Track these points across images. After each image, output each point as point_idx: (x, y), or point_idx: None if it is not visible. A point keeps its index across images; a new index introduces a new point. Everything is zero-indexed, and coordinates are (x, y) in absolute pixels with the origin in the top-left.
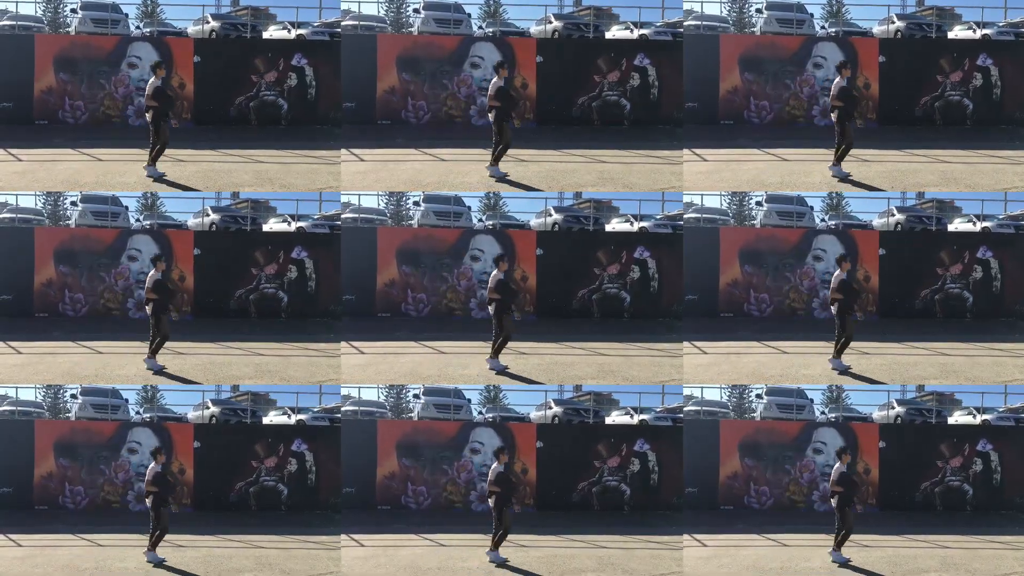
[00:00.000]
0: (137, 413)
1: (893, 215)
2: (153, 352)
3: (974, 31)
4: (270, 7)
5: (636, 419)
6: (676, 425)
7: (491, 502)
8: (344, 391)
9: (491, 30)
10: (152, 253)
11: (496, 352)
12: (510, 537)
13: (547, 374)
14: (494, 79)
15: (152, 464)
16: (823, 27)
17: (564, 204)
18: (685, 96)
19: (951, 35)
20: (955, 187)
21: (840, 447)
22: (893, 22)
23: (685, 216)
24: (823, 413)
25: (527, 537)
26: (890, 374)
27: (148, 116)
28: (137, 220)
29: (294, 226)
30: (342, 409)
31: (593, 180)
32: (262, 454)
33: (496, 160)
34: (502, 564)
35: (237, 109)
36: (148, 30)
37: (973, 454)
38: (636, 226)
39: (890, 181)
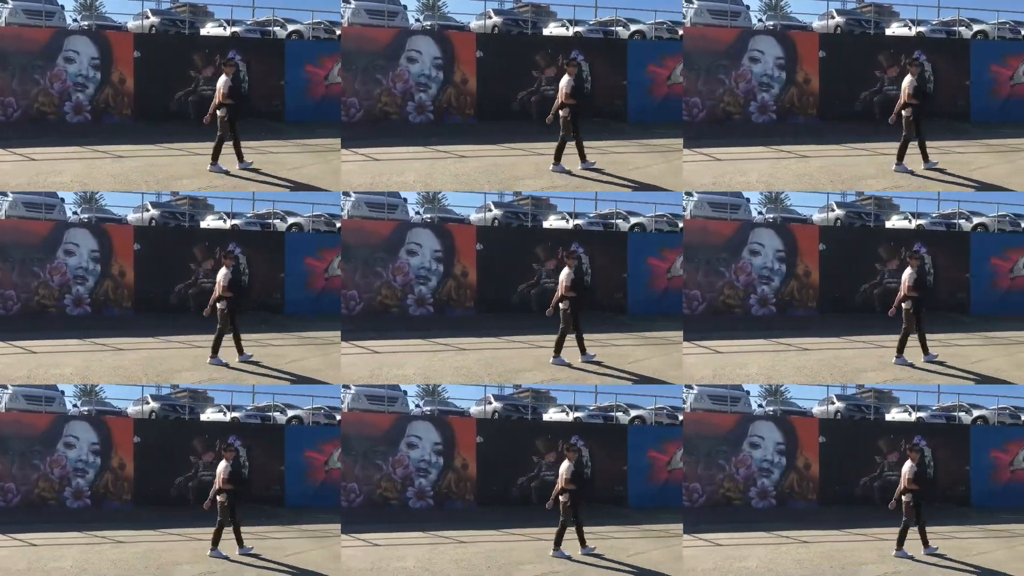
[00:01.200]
0: (75, 406)
1: (833, 211)
2: (215, 349)
3: (910, 28)
4: (208, 5)
5: (571, 416)
6: (609, 423)
7: (564, 499)
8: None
9: (428, 24)
10: (90, 248)
11: (581, 347)
12: (447, 533)
13: (487, 369)
14: (565, 77)
15: (223, 462)
16: (760, 20)
17: (504, 200)
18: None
19: (888, 32)
20: (892, 180)
21: (910, 444)
22: (833, 17)
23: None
24: (760, 407)
25: (468, 532)
26: (830, 369)
27: (221, 113)
28: (75, 213)
29: (229, 223)
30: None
31: (531, 173)
32: (200, 450)
33: (582, 155)
34: (591, 553)
35: (177, 104)
36: (86, 23)
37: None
38: (572, 223)
39: (830, 176)
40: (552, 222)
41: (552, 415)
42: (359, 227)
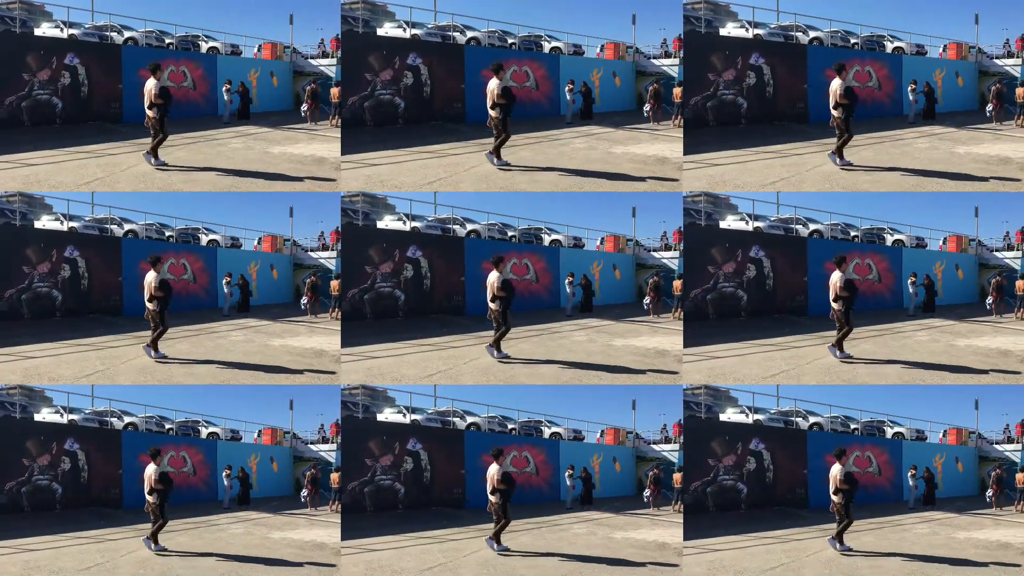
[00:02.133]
0: None
1: None
2: (154, 343)
3: (747, 30)
4: (45, 4)
5: (408, 419)
6: (446, 428)
7: (495, 499)
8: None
9: None
10: None
11: (498, 345)
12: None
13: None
14: (493, 79)
15: (152, 465)
16: None
17: None
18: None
19: (723, 32)
20: (725, 188)
21: (838, 448)
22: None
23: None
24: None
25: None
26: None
27: (153, 113)
28: None
29: (67, 225)
30: None
31: (360, 184)
32: (35, 452)
33: (498, 152)
34: (504, 551)
35: (7, 110)
36: None
37: (747, 453)
38: (408, 225)
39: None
40: (388, 223)
41: (388, 416)
42: None
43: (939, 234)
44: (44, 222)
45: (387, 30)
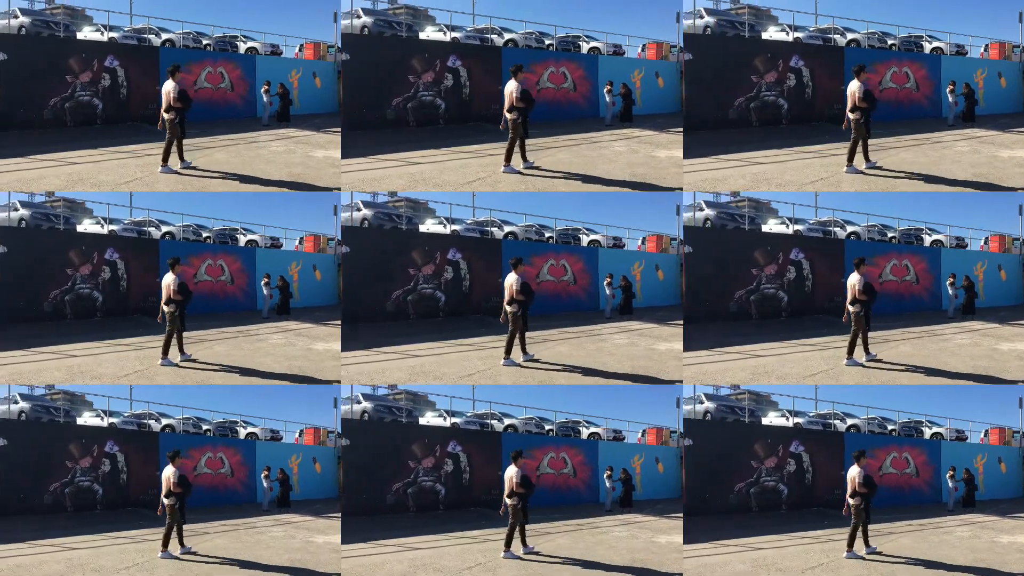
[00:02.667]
0: None
1: (701, 210)
2: (166, 348)
3: (787, 33)
4: (86, 9)
5: (448, 422)
6: (484, 430)
7: (511, 502)
8: None
9: None
10: None
11: (523, 347)
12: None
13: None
14: (511, 81)
15: (170, 467)
16: None
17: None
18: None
19: (765, 36)
20: (767, 186)
21: (857, 451)
22: (702, 17)
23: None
24: None
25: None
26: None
27: (170, 116)
28: None
29: (107, 228)
30: None
31: (406, 183)
32: (77, 454)
33: (524, 155)
34: (531, 551)
35: (52, 111)
36: None
37: (787, 455)
38: (449, 229)
39: (698, 187)
40: (430, 226)
41: (429, 419)
42: None
43: (980, 234)
44: (86, 225)
45: (428, 34)
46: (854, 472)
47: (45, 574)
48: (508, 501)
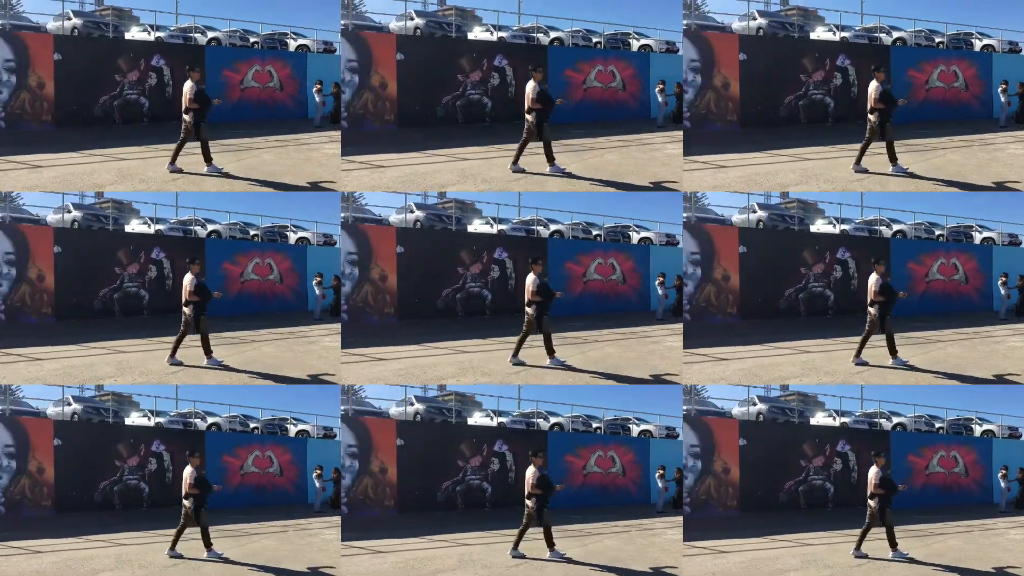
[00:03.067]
0: None
1: (754, 212)
2: (175, 350)
3: (834, 33)
4: (133, 9)
5: (495, 421)
6: (530, 429)
7: (531, 503)
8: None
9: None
10: (4, 249)
11: (549, 350)
12: (366, 544)
13: (406, 377)
14: (530, 82)
15: (188, 468)
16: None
17: (428, 202)
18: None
19: (813, 36)
20: (815, 183)
21: (875, 450)
22: (755, 19)
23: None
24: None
25: (386, 541)
26: (748, 377)
27: (188, 118)
28: None
29: (153, 228)
30: None
31: (455, 179)
32: (125, 454)
33: (550, 158)
34: (562, 558)
35: (102, 108)
36: (0, 23)
37: (834, 454)
38: (496, 228)
39: (747, 183)
40: (476, 226)
41: (477, 419)
42: None
43: None
44: (133, 225)
45: (476, 34)
46: (871, 473)
47: (95, 568)
48: (527, 503)
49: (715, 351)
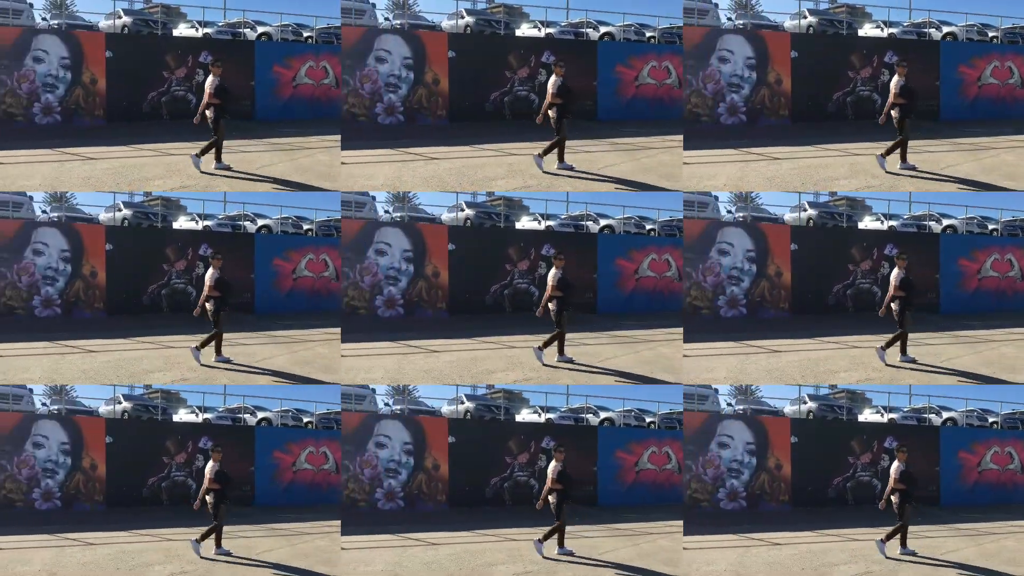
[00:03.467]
0: (43, 405)
1: (805, 210)
2: (203, 345)
3: (882, 29)
4: (181, 6)
5: (543, 418)
6: (578, 424)
7: (552, 499)
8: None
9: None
10: (60, 247)
11: (560, 348)
12: (419, 535)
13: (459, 372)
14: (551, 77)
15: (210, 462)
16: (729, 19)
17: (477, 200)
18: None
19: (861, 32)
20: (863, 178)
21: (896, 444)
22: (805, 17)
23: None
24: (729, 405)
25: (438, 535)
26: (802, 371)
27: (209, 113)
28: (43, 212)
29: (200, 224)
30: None
31: (504, 174)
32: (173, 450)
33: (561, 156)
34: (566, 553)
35: (150, 105)
36: (56, 23)
37: (881, 451)
38: (543, 225)
39: (800, 178)
40: (524, 223)
41: (525, 416)
42: None
43: None
44: (181, 222)
45: (524, 30)
46: (892, 468)
47: (147, 562)
48: (549, 498)
49: (769, 344)
